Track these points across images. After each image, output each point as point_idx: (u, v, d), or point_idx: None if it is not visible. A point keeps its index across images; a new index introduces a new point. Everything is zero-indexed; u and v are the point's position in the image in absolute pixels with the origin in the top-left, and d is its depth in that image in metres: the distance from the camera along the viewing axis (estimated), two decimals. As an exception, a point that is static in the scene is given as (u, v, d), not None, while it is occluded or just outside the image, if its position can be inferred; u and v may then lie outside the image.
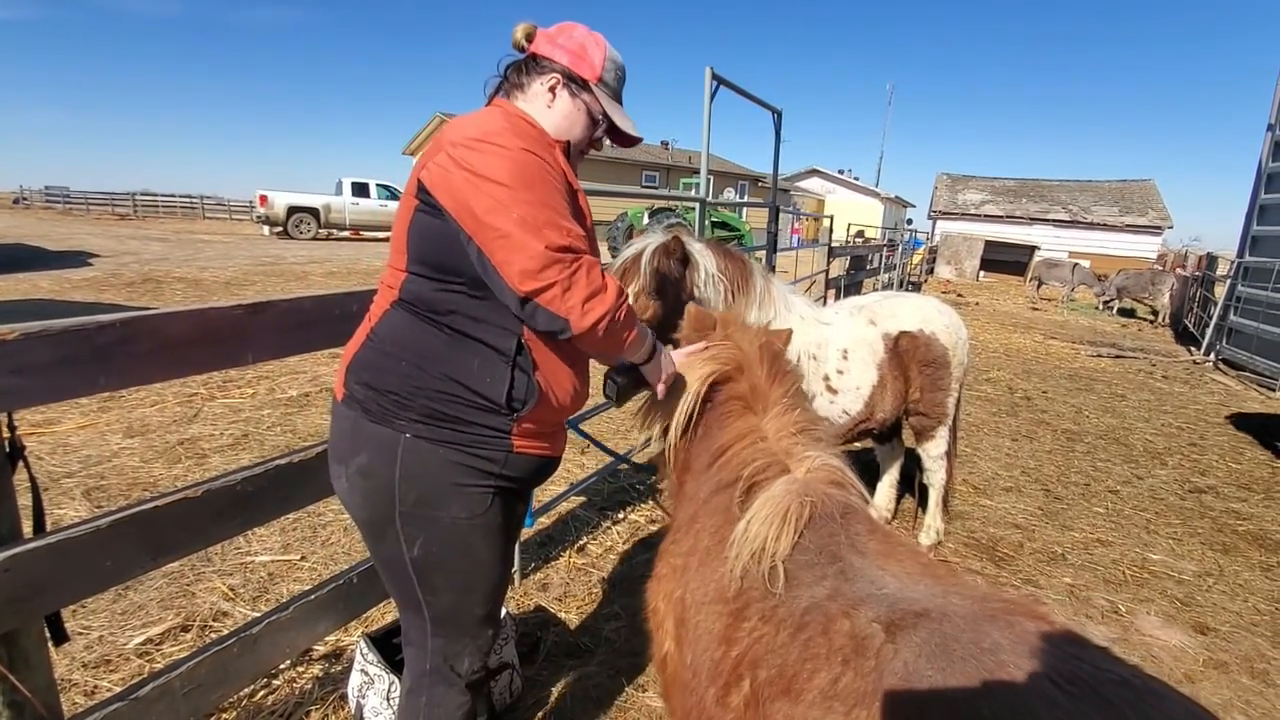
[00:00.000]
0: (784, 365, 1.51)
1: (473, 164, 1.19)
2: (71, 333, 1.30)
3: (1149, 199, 27.48)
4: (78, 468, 3.64)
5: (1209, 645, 2.82)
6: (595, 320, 1.20)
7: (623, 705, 2.24)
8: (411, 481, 1.30)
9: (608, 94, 1.46)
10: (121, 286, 9.47)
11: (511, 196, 1.17)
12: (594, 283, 1.20)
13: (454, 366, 1.29)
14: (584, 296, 1.19)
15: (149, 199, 31.96)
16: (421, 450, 1.30)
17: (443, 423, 1.29)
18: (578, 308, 1.19)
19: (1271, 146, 10.41)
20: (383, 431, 1.30)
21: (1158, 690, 0.70)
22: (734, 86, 4.05)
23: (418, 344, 1.30)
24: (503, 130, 1.23)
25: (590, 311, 1.19)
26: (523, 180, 1.18)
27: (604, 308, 1.21)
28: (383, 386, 1.30)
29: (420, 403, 1.29)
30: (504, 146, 1.20)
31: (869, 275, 12.00)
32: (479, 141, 1.21)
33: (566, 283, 1.17)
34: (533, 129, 1.35)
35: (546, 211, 1.18)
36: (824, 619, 0.92)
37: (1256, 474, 5.07)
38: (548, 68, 1.41)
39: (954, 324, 3.13)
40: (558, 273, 1.16)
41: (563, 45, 1.41)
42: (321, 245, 18.59)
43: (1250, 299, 9.98)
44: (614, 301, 1.23)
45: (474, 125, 1.25)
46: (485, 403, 1.30)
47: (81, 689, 2.12)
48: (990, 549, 3.51)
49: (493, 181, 1.17)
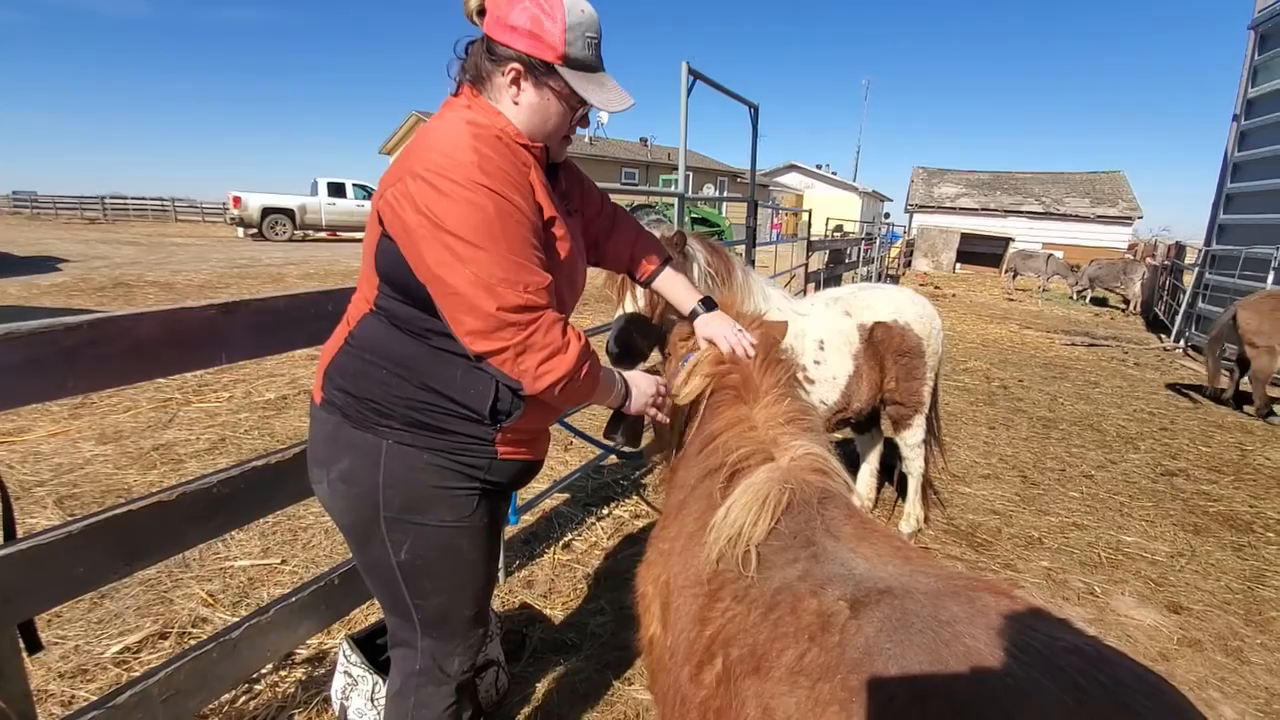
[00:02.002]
0: (776, 355, 1.52)
1: (430, 207, 1.10)
2: (38, 335, 1.28)
3: (1119, 190, 28.03)
4: (49, 476, 3.57)
5: (1183, 624, 2.89)
6: (551, 384, 1.17)
7: (609, 699, 2.25)
8: (395, 487, 1.28)
9: (579, 68, 1.26)
10: (92, 291, 9.27)
11: (466, 251, 1.09)
12: (550, 344, 1.15)
13: (435, 377, 1.26)
14: (539, 360, 1.14)
15: (119, 202, 31.24)
16: (405, 456, 1.27)
17: (424, 431, 1.27)
18: (530, 371, 1.15)
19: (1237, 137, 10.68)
20: (365, 438, 1.28)
21: (1109, 657, 0.73)
22: (710, 81, 4.06)
23: (398, 353, 1.26)
24: (466, 165, 1.12)
25: (544, 375, 1.15)
26: (481, 232, 1.10)
27: (561, 370, 1.16)
28: (362, 394, 1.28)
29: (401, 411, 1.26)
30: (465, 189, 1.10)
31: (848, 269, 12.11)
32: (440, 178, 1.11)
33: (520, 347, 1.12)
34: (502, 149, 1.21)
35: (504, 267, 1.11)
36: (793, 598, 0.94)
37: (1226, 457, 5.20)
38: (504, 56, 1.23)
39: (927, 314, 3.17)
40: (510, 336, 1.12)
41: (514, 25, 1.21)
42: (298, 247, 18.34)
43: (1218, 286, 10.23)
44: (573, 364, 1.18)
45: (438, 152, 1.14)
46: (468, 413, 1.28)
47: (58, 699, 2.09)
48: (969, 535, 3.57)
49: (447, 232, 1.09)
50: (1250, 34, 10.46)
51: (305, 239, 20.49)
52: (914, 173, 32.43)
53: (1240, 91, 10.64)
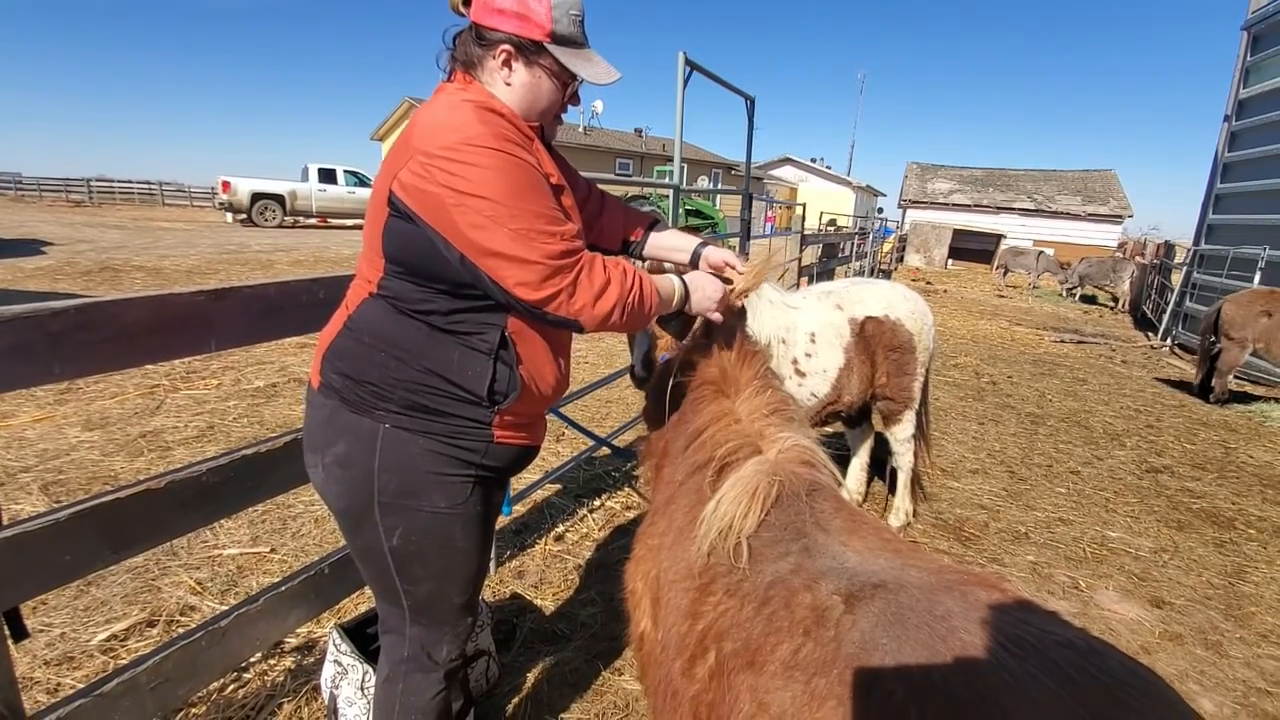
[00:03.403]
0: (750, 347, 1.52)
1: (453, 181, 1.12)
2: (24, 319, 1.25)
3: (1110, 189, 28.20)
4: (34, 462, 3.53)
5: (1164, 618, 2.93)
6: (607, 313, 1.21)
7: (599, 689, 2.26)
8: (391, 472, 1.28)
9: (566, 44, 1.29)
10: (77, 275, 9.16)
11: (499, 211, 1.12)
12: (597, 280, 1.19)
13: (434, 360, 1.26)
14: (592, 297, 1.19)
15: (105, 185, 30.79)
16: (401, 440, 1.27)
17: (422, 414, 1.27)
18: (588, 308, 1.19)
19: (1227, 138, 10.76)
20: (361, 421, 1.28)
21: (1100, 650, 0.74)
22: (707, 72, 4.04)
23: (397, 336, 1.27)
24: (479, 134, 1.14)
25: (600, 308, 1.20)
26: (510, 191, 1.13)
27: (613, 300, 1.21)
28: (361, 377, 1.28)
29: (399, 394, 1.26)
30: (483, 154, 1.13)
31: (841, 263, 12.14)
32: (456, 150, 1.12)
33: (570, 289, 1.17)
34: (505, 122, 1.22)
35: (539, 220, 1.15)
36: (787, 593, 0.94)
37: (1210, 454, 5.27)
38: (492, 39, 1.26)
39: (919, 310, 3.18)
40: (559, 281, 1.16)
41: (501, 8, 1.24)
42: (288, 233, 18.16)
43: (1205, 285, 10.34)
44: (622, 290, 1.22)
45: (447, 129, 1.15)
46: (466, 395, 1.28)
47: (44, 687, 2.07)
48: (957, 529, 3.60)
49: (477, 197, 1.12)
50: (1243, 35, 10.52)
51: (295, 225, 20.29)
52: (908, 168, 32.48)
53: (1232, 92, 10.72)
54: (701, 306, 1.47)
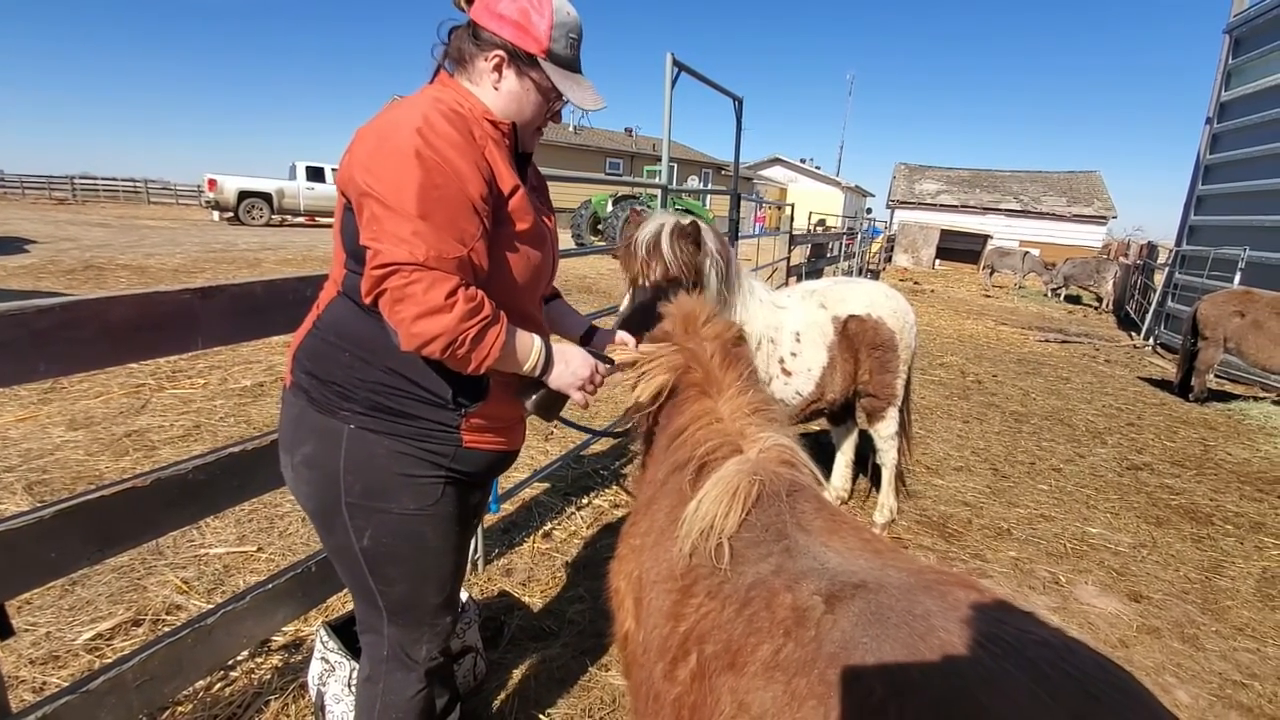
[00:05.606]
0: (736, 351, 1.53)
1: (370, 167, 1.14)
2: (8, 317, 1.25)
3: (1095, 190, 28.52)
4: (18, 461, 3.50)
5: (1142, 612, 2.99)
6: (424, 341, 1.12)
7: (586, 684, 2.27)
8: (357, 473, 1.28)
9: (559, 65, 1.31)
10: (60, 274, 9.04)
11: (383, 211, 1.12)
12: (430, 302, 1.10)
13: (397, 360, 1.25)
14: (414, 314, 1.11)
15: (89, 183, 30.43)
16: (366, 441, 1.27)
17: (387, 415, 1.27)
18: (406, 322, 1.11)
19: (1209, 140, 10.91)
20: (327, 422, 1.28)
21: (1074, 648, 0.75)
22: (694, 73, 4.06)
23: (360, 335, 1.27)
24: (412, 131, 1.14)
25: (421, 328, 1.11)
26: (405, 196, 1.11)
27: (436, 329, 1.11)
28: (326, 376, 1.28)
29: (363, 395, 1.26)
30: (401, 152, 1.12)
31: (829, 263, 12.22)
32: (383, 140, 1.15)
33: (398, 294, 1.11)
34: (457, 123, 1.20)
35: (416, 229, 1.11)
36: (768, 594, 0.94)
37: (1189, 451, 5.36)
38: (489, 42, 1.27)
39: (901, 309, 3.22)
40: (394, 281, 1.10)
41: (503, 14, 1.26)
42: (275, 231, 18.02)
43: (1187, 286, 10.48)
44: (450, 326, 1.12)
45: (386, 120, 1.18)
46: (431, 397, 1.28)
47: (29, 685, 2.06)
48: (941, 526, 3.65)
49: (376, 192, 1.13)
50: (1225, 38, 10.67)
51: (283, 224, 20.12)
52: (896, 169, 32.70)
53: (1214, 95, 10.87)
54: (562, 382, 1.36)
